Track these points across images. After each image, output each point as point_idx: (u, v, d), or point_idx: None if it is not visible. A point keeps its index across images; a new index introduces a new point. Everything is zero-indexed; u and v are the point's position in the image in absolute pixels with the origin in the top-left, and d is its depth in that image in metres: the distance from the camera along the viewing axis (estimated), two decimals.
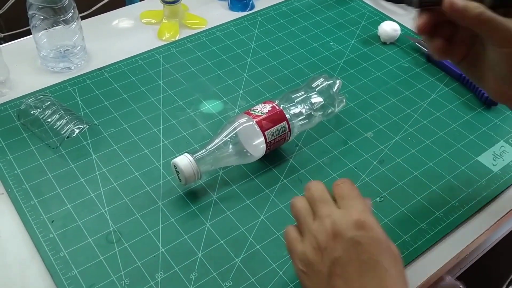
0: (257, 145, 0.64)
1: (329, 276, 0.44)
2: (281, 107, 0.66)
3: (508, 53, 0.47)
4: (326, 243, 0.45)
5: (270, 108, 0.65)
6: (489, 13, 0.46)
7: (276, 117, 0.65)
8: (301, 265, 0.47)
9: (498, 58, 0.49)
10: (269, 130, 0.64)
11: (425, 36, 0.52)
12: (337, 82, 0.72)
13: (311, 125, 0.70)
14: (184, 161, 0.60)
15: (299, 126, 0.67)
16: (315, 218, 0.48)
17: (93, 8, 1.07)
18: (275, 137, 0.65)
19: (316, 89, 0.70)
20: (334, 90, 0.71)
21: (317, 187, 0.50)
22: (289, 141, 0.67)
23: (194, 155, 0.61)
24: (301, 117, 0.67)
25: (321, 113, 0.70)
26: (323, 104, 0.70)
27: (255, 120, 0.64)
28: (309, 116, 0.69)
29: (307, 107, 0.68)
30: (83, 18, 0.92)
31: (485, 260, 0.69)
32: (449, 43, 0.52)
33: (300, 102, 0.68)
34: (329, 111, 0.71)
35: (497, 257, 0.75)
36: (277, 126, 0.64)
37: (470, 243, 0.61)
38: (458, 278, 0.69)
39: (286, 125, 0.65)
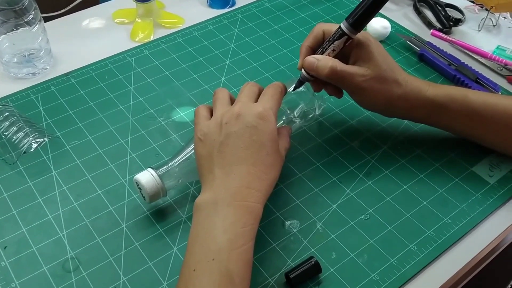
0: None
1: (221, 144, 0.51)
2: None
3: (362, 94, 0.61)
4: (228, 119, 0.52)
5: None
6: (338, 70, 0.57)
7: None
8: (200, 134, 0.53)
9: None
10: None
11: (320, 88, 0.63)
12: None
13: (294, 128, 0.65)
14: (146, 177, 0.55)
15: None
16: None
17: (68, 8, 1.01)
18: None
19: (293, 93, 0.64)
20: (313, 92, 0.65)
21: (250, 87, 0.57)
22: None
23: (159, 170, 0.56)
24: (280, 124, 0.62)
25: (302, 118, 0.65)
26: (302, 107, 0.64)
27: None
28: (289, 122, 0.63)
29: (286, 113, 0.63)
30: (55, 18, 0.86)
31: (480, 279, 0.64)
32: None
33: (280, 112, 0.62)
34: (310, 115, 0.66)
35: (491, 276, 0.69)
36: None
37: (464, 266, 0.55)
38: None
39: None
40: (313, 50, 0.61)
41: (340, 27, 0.57)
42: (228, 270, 0.45)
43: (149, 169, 0.56)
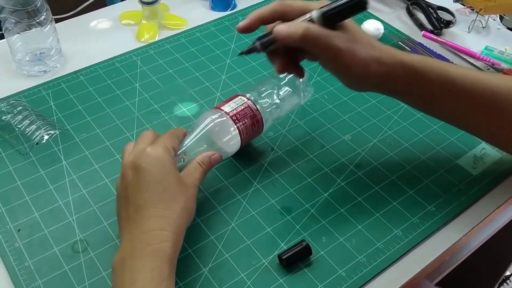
0: (230, 140, 0.62)
1: (126, 197, 0.53)
2: (252, 99, 0.65)
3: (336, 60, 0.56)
4: (125, 171, 0.54)
5: (242, 102, 0.64)
6: (313, 30, 0.53)
7: (248, 110, 0.63)
8: (117, 195, 0.55)
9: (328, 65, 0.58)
10: (242, 123, 0.63)
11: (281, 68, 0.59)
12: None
13: (281, 113, 0.68)
14: None
15: (268, 113, 0.66)
16: None
17: (77, 10, 1.06)
18: (248, 130, 0.63)
19: (282, 82, 0.68)
20: (301, 81, 0.69)
21: (148, 133, 0.57)
22: (262, 133, 0.67)
23: None
24: (270, 106, 0.66)
25: (285, 102, 0.68)
26: (288, 92, 0.68)
27: (228, 115, 0.62)
28: (273, 107, 0.66)
29: (275, 97, 0.67)
30: (65, 19, 0.91)
31: (465, 265, 0.68)
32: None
33: (269, 94, 0.67)
34: (295, 102, 0.70)
35: (475, 263, 0.73)
36: (249, 119, 0.63)
37: (445, 251, 0.59)
38: (438, 284, 0.67)
39: (259, 116, 0.64)
40: (263, 22, 0.58)
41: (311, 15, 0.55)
42: None
43: None
